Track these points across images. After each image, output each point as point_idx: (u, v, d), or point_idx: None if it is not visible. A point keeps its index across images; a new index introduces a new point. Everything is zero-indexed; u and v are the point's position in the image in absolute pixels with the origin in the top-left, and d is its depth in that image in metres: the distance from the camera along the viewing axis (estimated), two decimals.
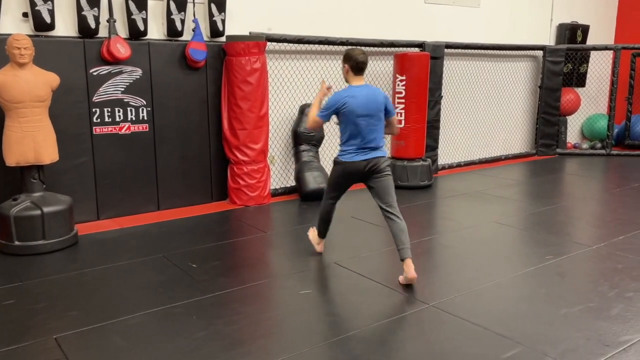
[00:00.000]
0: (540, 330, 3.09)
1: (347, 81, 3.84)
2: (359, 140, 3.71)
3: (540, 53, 8.97)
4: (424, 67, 6.71)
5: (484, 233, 4.95)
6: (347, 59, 3.73)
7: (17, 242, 4.27)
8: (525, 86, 9.12)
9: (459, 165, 8.20)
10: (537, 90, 9.14)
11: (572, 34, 9.19)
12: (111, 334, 3.03)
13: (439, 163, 7.81)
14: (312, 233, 4.37)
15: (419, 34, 7.40)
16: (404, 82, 6.66)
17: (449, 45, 7.53)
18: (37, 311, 3.32)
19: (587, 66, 9.34)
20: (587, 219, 5.54)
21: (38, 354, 2.83)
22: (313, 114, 3.87)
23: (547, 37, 9.19)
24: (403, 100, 6.71)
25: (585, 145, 9.65)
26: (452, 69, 7.91)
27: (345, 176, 3.86)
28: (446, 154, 8.11)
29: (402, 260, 3.65)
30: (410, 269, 3.61)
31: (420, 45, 7.23)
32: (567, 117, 9.31)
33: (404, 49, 7.16)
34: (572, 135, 9.85)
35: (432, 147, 7.49)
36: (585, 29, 9.35)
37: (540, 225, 5.16)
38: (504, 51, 8.49)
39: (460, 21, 7.93)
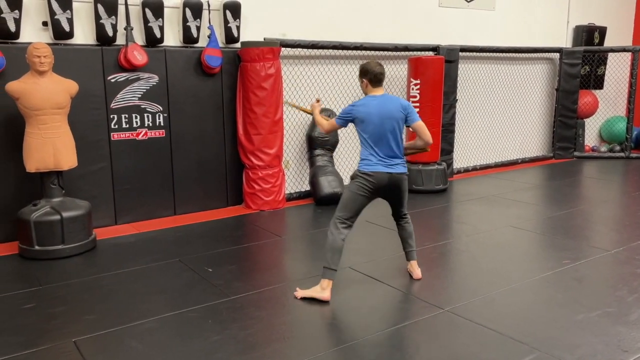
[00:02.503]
0: (557, 335, 3.05)
1: (366, 94, 3.72)
2: (377, 150, 3.57)
3: (556, 55, 8.89)
4: (438, 70, 6.69)
5: (500, 237, 4.91)
6: (365, 73, 3.62)
7: (37, 247, 4.35)
8: (542, 89, 9.03)
9: (474, 168, 8.15)
10: (553, 92, 9.05)
11: (589, 36, 9.09)
12: (128, 338, 3.07)
13: (454, 167, 7.77)
14: (306, 292, 3.62)
15: (434, 37, 7.38)
16: (418, 86, 6.65)
17: (463, 49, 7.51)
18: (56, 315, 3.38)
19: (605, 68, 9.22)
20: (606, 223, 5.46)
21: (57, 357, 2.87)
22: (327, 122, 3.86)
23: (564, 39, 9.10)
24: (417, 104, 6.68)
25: (603, 148, 9.52)
26: (467, 72, 7.88)
27: (366, 189, 3.56)
28: (461, 158, 8.06)
29: (409, 261, 3.93)
30: (417, 270, 3.91)
31: (435, 48, 7.22)
32: (584, 119, 9.19)
33: (418, 52, 7.15)
34: (590, 138, 9.72)
35: (447, 150, 7.46)
36: (602, 31, 9.24)
37: (557, 229, 5.10)
38: (520, 54, 8.43)
39: (475, 24, 7.90)
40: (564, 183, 7.27)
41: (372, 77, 3.61)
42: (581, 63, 8.74)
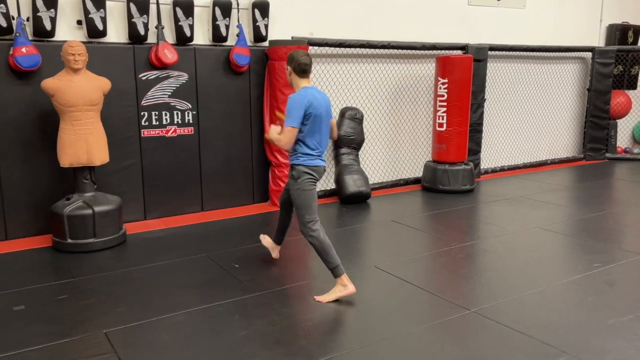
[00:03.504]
0: (586, 339, 3.00)
1: (293, 84, 3.63)
2: (318, 144, 3.53)
3: (589, 55, 8.70)
4: (466, 69, 6.63)
5: (528, 239, 4.84)
6: (291, 61, 3.55)
7: (69, 240, 4.46)
8: (573, 89, 8.85)
9: (502, 169, 8.04)
10: (585, 93, 8.86)
11: (623, 35, 8.86)
12: (157, 330, 3.13)
13: (481, 167, 7.68)
14: (330, 296, 3.58)
15: (462, 36, 7.31)
16: (446, 85, 6.60)
17: (493, 47, 7.41)
18: (88, 306, 3.47)
19: (639, 68, 8.98)
20: (638, 226, 5.33)
21: (88, 348, 2.95)
22: (284, 135, 3.49)
23: (597, 38, 8.90)
24: (445, 104, 6.64)
25: (636, 150, 9.27)
26: (496, 71, 7.77)
27: (314, 183, 3.55)
28: (489, 158, 7.97)
29: (279, 245, 4.24)
30: (277, 253, 4.26)
31: (463, 47, 7.15)
32: (617, 120, 8.98)
33: (447, 51, 7.09)
34: (623, 139, 9.49)
35: (475, 150, 7.38)
36: (636, 30, 9.00)
37: (587, 232, 5.00)
38: (551, 53, 8.28)
39: (505, 23, 7.79)
40: (594, 185, 7.12)
41: (296, 66, 3.53)
42: (614, 62, 8.53)
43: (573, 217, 5.55)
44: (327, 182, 6.60)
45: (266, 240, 4.29)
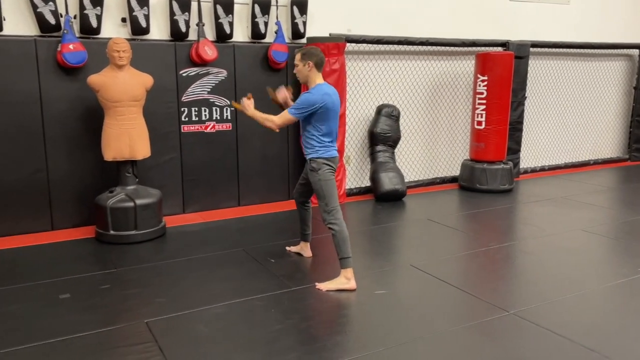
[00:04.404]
0: (630, 345, 2.91)
1: (309, 79, 3.75)
2: (331, 136, 3.75)
3: (636, 52, 8.40)
4: (507, 67, 6.49)
5: (569, 241, 4.72)
6: (310, 56, 3.69)
7: (112, 232, 4.60)
8: (618, 87, 8.56)
9: (542, 169, 7.86)
10: (631, 91, 8.55)
11: None
12: (195, 322, 3.20)
13: (521, 166, 7.52)
14: (331, 285, 3.68)
15: (503, 32, 7.16)
16: (485, 83, 6.48)
17: (534, 44, 7.24)
18: (129, 296, 3.57)
19: None
20: None
21: (130, 337, 3.04)
22: (278, 117, 3.72)
23: None
24: (484, 101, 6.53)
25: None
26: (538, 68, 7.59)
27: (333, 172, 3.75)
28: (529, 157, 7.79)
29: (306, 242, 4.32)
30: (309, 250, 4.31)
31: (504, 44, 7.00)
32: None
33: (486, 48, 6.96)
34: None
35: (514, 149, 7.23)
36: None
37: (632, 235, 4.84)
38: (596, 50, 8.02)
39: (547, 19, 7.59)
40: None
41: (317, 60, 3.70)
42: None
43: (617, 220, 5.37)
44: (362, 180, 6.59)
45: (292, 248, 4.42)
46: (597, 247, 4.64)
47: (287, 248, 4.44)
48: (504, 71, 6.47)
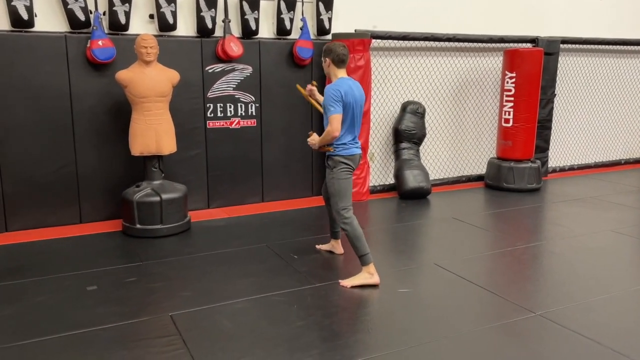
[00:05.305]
0: None
1: (330, 75, 3.75)
2: (353, 132, 3.67)
3: None
4: (536, 63, 6.36)
5: (598, 242, 4.60)
6: (329, 52, 3.69)
7: (138, 225, 4.67)
8: None
9: (571, 168, 7.69)
10: None
11: None
12: (219, 316, 3.23)
13: (549, 165, 7.38)
14: (355, 281, 3.69)
15: (532, 28, 7.02)
16: (513, 80, 6.37)
17: (565, 41, 7.07)
18: (155, 290, 3.62)
19: None
20: None
21: (155, 329, 3.08)
22: (327, 129, 3.59)
23: None
24: (512, 99, 6.41)
25: None
26: (568, 65, 7.42)
27: (350, 172, 3.69)
28: (558, 156, 7.63)
29: (337, 239, 4.26)
30: (340, 247, 4.26)
31: (533, 40, 6.87)
32: None
33: (515, 44, 6.83)
34: None
35: (543, 148, 7.09)
36: None
37: None
38: (630, 46, 7.80)
39: (579, 14, 7.40)
40: None
41: (335, 57, 3.66)
42: None
43: None
44: (386, 177, 6.55)
45: (323, 246, 4.38)
46: (627, 248, 4.52)
47: (317, 246, 4.41)
48: (533, 68, 6.34)
